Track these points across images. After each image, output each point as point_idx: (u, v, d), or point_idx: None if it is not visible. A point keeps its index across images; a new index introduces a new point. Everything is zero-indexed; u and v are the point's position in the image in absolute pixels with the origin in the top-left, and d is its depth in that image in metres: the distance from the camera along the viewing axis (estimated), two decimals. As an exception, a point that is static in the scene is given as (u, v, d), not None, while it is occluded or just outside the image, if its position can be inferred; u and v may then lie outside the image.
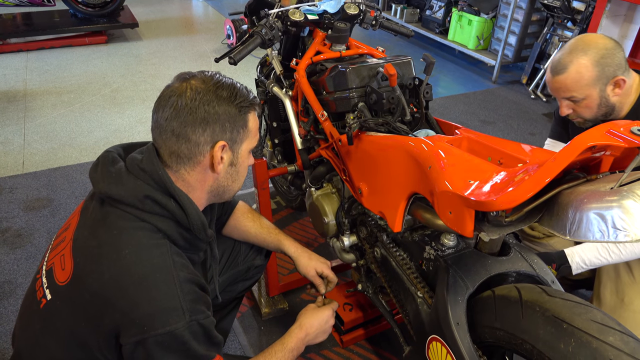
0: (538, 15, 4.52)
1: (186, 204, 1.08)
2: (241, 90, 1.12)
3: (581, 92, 1.55)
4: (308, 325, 1.37)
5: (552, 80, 1.60)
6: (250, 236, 1.57)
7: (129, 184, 1.05)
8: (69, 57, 4.72)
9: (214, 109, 1.05)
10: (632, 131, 0.84)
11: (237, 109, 1.09)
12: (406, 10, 5.62)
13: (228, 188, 1.18)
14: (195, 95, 1.05)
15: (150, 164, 1.06)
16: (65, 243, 1.11)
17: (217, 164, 1.09)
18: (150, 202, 1.04)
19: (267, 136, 2.33)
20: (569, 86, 1.55)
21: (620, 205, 0.80)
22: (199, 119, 1.04)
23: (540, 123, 3.89)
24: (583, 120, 1.65)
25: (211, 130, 1.06)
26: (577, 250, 1.63)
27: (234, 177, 1.17)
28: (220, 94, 1.07)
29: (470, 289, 1.21)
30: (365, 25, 1.85)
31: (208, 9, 6.81)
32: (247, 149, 1.16)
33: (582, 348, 0.94)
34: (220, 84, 1.09)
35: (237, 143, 1.12)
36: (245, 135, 1.13)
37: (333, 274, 1.57)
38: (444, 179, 1.08)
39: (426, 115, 1.56)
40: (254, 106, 1.14)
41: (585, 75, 1.51)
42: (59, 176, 2.92)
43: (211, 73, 1.12)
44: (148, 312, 0.97)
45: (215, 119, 1.06)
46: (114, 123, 3.56)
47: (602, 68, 1.51)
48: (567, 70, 1.53)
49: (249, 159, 1.20)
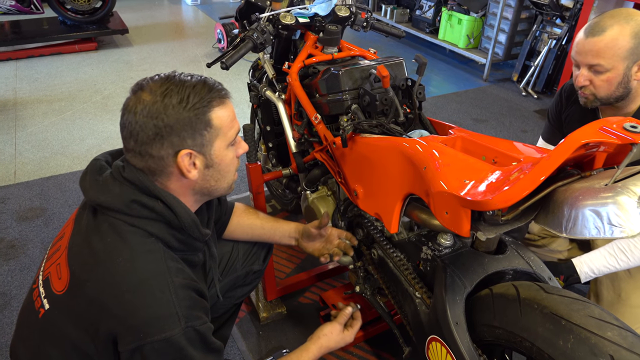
0: (527, 13, 4.55)
1: (173, 203, 1.06)
2: (197, 88, 1.04)
3: (610, 61, 1.46)
4: (325, 345, 1.43)
5: (584, 41, 1.48)
6: (256, 228, 1.56)
7: (115, 191, 1.04)
8: (59, 64, 4.69)
9: (164, 121, 1.00)
10: (624, 127, 0.84)
11: (192, 113, 1.02)
12: (396, 11, 5.63)
13: (214, 188, 1.14)
14: (143, 110, 1.00)
15: (130, 172, 1.06)
16: (60, 252, 1.11)
17: (187, 172, 1.06)
18: (138, 206, 1.04)
19: (261, 140, 2.33)
20: (600, 50, 1.45)
21: (615, 201, 0.81)
22: (152, 135, 1.01)
23: (532, 120, 3.91)
24: (593, 99, 1.57)
25: (169, 143, 1.02)
26: (584, 260, 1.61)
27: (215, 177, 1.12)
28: (168, 103, 1.00)
29: (468, 288, 1.21)
30: (356, 27, 1.86)
31: (198, 13, 6.80)
32: (221, 146, 1.09)
33: (581, 344, 0.94)
34: (169, 90, 1.01)
35: (205, 146, 1.06)
36: (212, 134, 1.06)
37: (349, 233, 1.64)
38: (440, 179, 1.09)
39: (420, 116, 1.56)
40: (215, 101, 1.05)
41: (620, 43, 1.43)
42: (52, 185, 2.90)
43: (162, 78, 1.04)
44: (143, 319, 0.97)
45: (169, 131, 1.01)
46: (106, 130, 3.54)
47: (638, 42, 1.43)
48: (604, 33, 1.43)
49: (235, 151, 1.15)
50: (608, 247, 1.58)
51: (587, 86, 1.55)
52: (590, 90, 1.55)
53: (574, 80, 1.60)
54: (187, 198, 1.13)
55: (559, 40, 4.07)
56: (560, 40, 4.06)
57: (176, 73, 1.07)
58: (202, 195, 1.16)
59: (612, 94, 1.53)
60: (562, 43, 4.06)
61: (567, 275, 1.60)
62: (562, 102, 1.85)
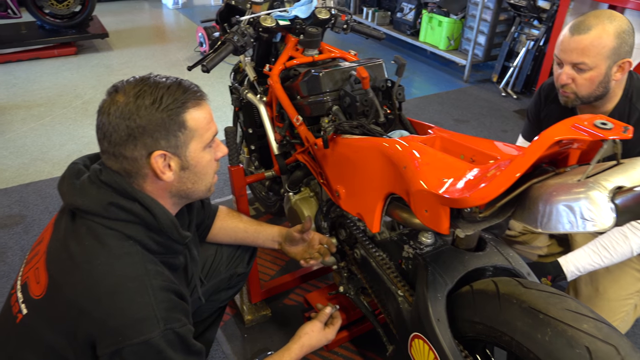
0: (505, 14, 4.62)
1: (151, 205, 1.06)
2: (171, 89, 1.03)
3: (594, 59, 1.48)
4: (307, 344, 1.43)
5: (569, 39, 1.50)
6: (239, 232, 1.56)
7: (93, 194, 1.04)
8: (37, 69, 4.63)
9: (136, 122, 1.00)
10: (595, 124, 0.87)
11: (166, 114, 1.01)
12: (377, 13, 5.68)
13: (191, 190, 1.13)
14: (116, 112, 1.00)
15: (108, 175, 1.05)
16: (39, 256, 1.10)
17: (161, 174, 1.05)
18: (115, 209, 1.03)
19: (244, 143, 2.33)
20: (585, 48, 1.47)
21: (587, 196, 0.83)
22: (125, 136, 1.00)
23: (511, 120, 3.97)
24: (574, 97, 1.59)
25: (142, 144, 1.01)
26: (570, 259, 1.63)
27: (192, 179, 1.11)
28: (141, 104, 1.00)
29: (449, 285, 1.23)
30: (337, 30, 1.87)
31: (179, 17, 6.77)
32: (197, 148, 1.08)
33: (558, 337, 0.96)
34: (142, 91, 1.01)
35: (180, 147, 1.05)
36: (187, 136, 1.05)
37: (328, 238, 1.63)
38: (419, 178, 1.10)
39: (400, 116, 1.58)
40: (190, 102, 1.04)
41: (605, 42, 1.45)
42: (31, 192, 2.86)
43: (137, 79, 1.04)
44: (122, 322, 0.96)
45: (142, 132, 1.00)
46: (87, 135, 3.51)
47: (620, 42, 1.46)
48: (589, 32, 1.46)
49: (213, 153, 1.14)
50: (591, 245, 1.61)
51: (569, 84, 1.56)
52: (571, 89, 1.57)
53: (556, 79, 1.62)
54: (165, 200, 1.12)
55: (537, 42, 4.15)
56: (538, 41, 4.14)
57: (151, 75, 1.06)
58: (180, 197, 1.15)
59: (593, 93, 1.55)
60: (540, 44, 4.13)
61: (554, 275, 1.62)
62: (540, 101, 1.88)
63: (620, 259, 1.59)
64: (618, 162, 0.91)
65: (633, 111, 1.58)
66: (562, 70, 1.56)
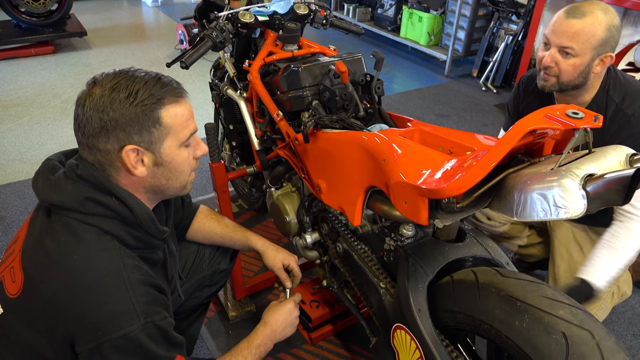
0: (484, 10, 4.67)
1: (128, 199, 1.05)
2: (148, 84, 1.02)
3: (582, 47, 1.50)
4: (272, 321, 1.39)
5: (563, 21, 1.51)
6: (216, 236, 1.56)
7: (68, 189, 1.03)
8: (14, 69, 4.55)
9: (109, 115, 0.99)
10: (567, 114, 0.88)
11: (140, 109, 1.00)
12: (358, 9, 5.69)
13: (164, 187, 1.12)
14: (90, 103, 0.99)
15: (84, 169, 1.04)
16: (14, 255, 1.08)
17: (133, 169, 1.04)
18: (92, 204, 1.02)
19: (225, 139, 2.32)
20: (576, 34, 1.49)
21: (560, 184, 0.85)
22: (97, 128, 0.99)
23: (492, 114, 4.02)
24: (554, 82, 1.60)
25: (115, 137, 1.00)
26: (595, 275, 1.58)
27: (166, 175, 1.10)
28: (115, 97, 0.99)
29: (430, 276, 1.24)
30: (316, 25, 1.87)
31: (159, 14, 6.69)
32: (172, 145, 1.06)
33: (535, 323, 0.99)
34: (119, 84, 1.00)
35: (153, 143, 1.03)
36: (162, 132, 1.03)
37: (298, 269, 1.58)
38: (398, 171, 1.11)
39: (379, 110, 1.59)
40: (167, 99, 1.03)
41: (597, 31, 1.48)
42: (10, 193, 2.81)
43: (116, 72, 1.03)
44: (100, 318, 0.95)
45: (114, 126, 0.99)
46: (66, 135, 3.46)
47: (609, 36, 1.49)
48: (584, 18, 1.48)
49: (190, 151, 1.12)
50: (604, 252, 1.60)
51: (552, 67, 1.58)
52: (554, 72, 1.58)
53: (539, 61, 1.63)
54: (140, 195, 1.11)
55: (516, 36, 4.20)
56: (517, 36, 4.19)
57: (132, 69, 1.05)
58: (155, 193, 1.14)
59: (573, 81, 1.58)
60: (519, 39, 4.18)
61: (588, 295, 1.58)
62: (519, 93, 1.91)
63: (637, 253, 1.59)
64: (590, 151, 0.93)
65: (610, 103, 1.61)
66: (547, 52, 1.58)
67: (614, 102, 1.61)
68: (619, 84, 1.63)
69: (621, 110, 1.59)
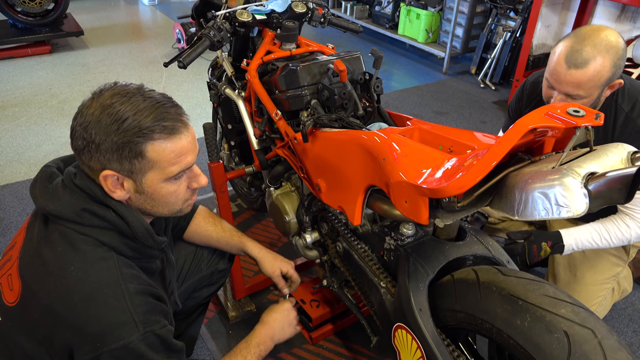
0: (482, 6, 4.66)
1: (124, 212, 1.03)
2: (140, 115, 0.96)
3: (589, 91, 1.41)
4: (271, 320, 1.40)
5: (565, 72, 1.40)
6: (212, 240, 1.55)
7: (65, 199, 1.02)
8: (11, 69, 4.53)
9: (91, 137, 0.96)
10: (568, 112, 0.88)
11: (121, 139, 0.95)
12: (356, 7, 5.67)
13: (151, 212, 1.09)
14: (80, 118, 0.98)
15: (81, 179, 1.03)
16: (11, 262, 1.07)
17: (110, 192, 1.01)
18: (89, 215, 1.01)
19: (223, 139, 2.31)
20: (582, 83, 1.39)
21: (561, 183, 0.84)
22: (82, 145, 0.98)
23: (490, 111, 4.01)
24: None
25: (96, 159, 0.98)
26: (571, 232, 1.62)
27: (150, 203, 1.06)
28: (102, 120, 0.95)
29: (431, 275, 1.24)
30: (313, 23, 1.86)
31: (156, 13, 6.67)
32: (155, 179, 1.02)
33: (537, 322, 0.98)
34: (110, 106, 0.96)
35: (135, 173, 0.99)
36: (144, 165, 0.99)
37: (297, 274, 1.58)
38: (398, 170, 1.11)
39: (378, 109, 1.58)
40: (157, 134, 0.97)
41: (604, 76, 1.38)
42: (7, 194, 2.80)
43: (118, 88, 0.99)
44: (99, 328, 0.95)
45: (95, 148, 0.96)
46: (64, 135, 3.44)
47: (616, 70, 1.39)
48: (587, 66, 1.36)
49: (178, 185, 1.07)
50: (595, 225, 1.62)
51: None
52: None
53: (545, 98, 1.56)
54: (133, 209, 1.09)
55: (514, 33, 4.19)
56: (515, 32, 4.18)
57: (141, 87, 1.01)
58: (144, 213, 1.10)
59: None
60: (517, 35, 4.17)
61: (553, 243, 1.61)
62: (523, 98, 1.85)
63: (616, 245, 1.61)
64: (591, 149, 0.93)
65: (619, 112, 1.56)
66: (554, 93, 1.49)
67: (623, 111, 1.56)
68: (627, 91, 1.56)
69: (631, 119, 1.54)
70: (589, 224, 1.64)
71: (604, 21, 3.80)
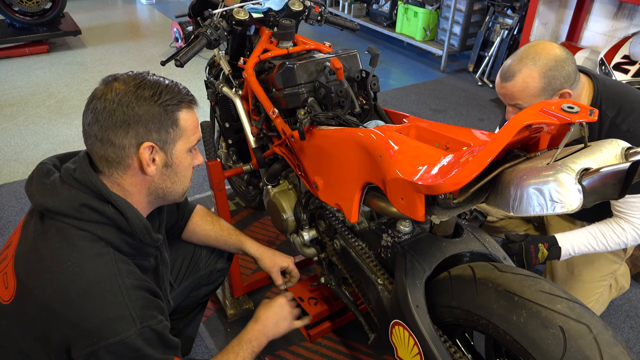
0: (479, 4, 4.66)
1: (124, 208, 1.04)
2: (169, 87, 1.07)
3: (526, 101, 1.49)
4: (263, 316, 1.40)
5: (499, 85, 1.54)
6: (210, 239, 1.55)
7: (64, 194, 1.02)
8: (8, 68, 4.52)
9: (134, 110, 1.01)
10: (562, 108, 0.88)
11: (162, 108, 1.04)
12: (354, 5, 5.67)
13: (169, 190, 1.13)
14: (114, 97, 1.01)
15: (82, 173, 1.03)
16: (7, 261, 1.07)
17: (147, 166, 1.05)
18: (87, 210, 1.01)
19: (221, 137, 2.31)
20: (514, 94, 1.50)
21: (556, 179, 0.85)
22: (119, 121, 1.01)
23: (488, 109, 4.02)
24: None
25: (134, 132, 1.02)
26: (567, 236, 1.63)
27: (172, 178, 1.12)
28: (141, 94, 1.02)
29: (428, 271, 1.24)
30: (310, 21, 1.87)
31: (154, 12, 6.67)
32: (182, 148, 1.10)
33: (533, 317, 0.99)
34: (143, 83, 1.04)
35: (168, 143, 1.07)
36: (177, 134, 1.08)
37: (296, 269, 1.58)
38: (394, 167, 1.11)
39: (375, 107, 1.59)
40: (184, 103, 1.09)
41: (531, 85, 1.46)
42: (6, 193, 2.80)
43: (136, 73, 1.07)
44: (96, 323, 0.95)
45: (137, 120, 1.01)
46: (62, 134, 3.44)
47: (549, 80, 1.45)
48: (514, 79, 1.47)
49: (192, 159, 1.16)
50: (590, 229, 1.63)
51: None
52: None
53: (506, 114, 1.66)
54: (141, 198, 1.11)
55: (511, 30, 4.20)
56: (512, 30, 4.19)
57: (149, 72, 1.09)
58: (157, 197, 1.14)
59: None
60: (514, 33, 4.18)
61: (550, 245, 1.62)
62: None
63: (613, 248, 1.61)
64: (585, 145, 0.93)
65: (604, 118, 1.56)
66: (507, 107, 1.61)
67: (608, 117, 1.55)
68: (611, 96, 1.56)
69: (616, 125, 1.54)
70: (584, 228, 1.64)
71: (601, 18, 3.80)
